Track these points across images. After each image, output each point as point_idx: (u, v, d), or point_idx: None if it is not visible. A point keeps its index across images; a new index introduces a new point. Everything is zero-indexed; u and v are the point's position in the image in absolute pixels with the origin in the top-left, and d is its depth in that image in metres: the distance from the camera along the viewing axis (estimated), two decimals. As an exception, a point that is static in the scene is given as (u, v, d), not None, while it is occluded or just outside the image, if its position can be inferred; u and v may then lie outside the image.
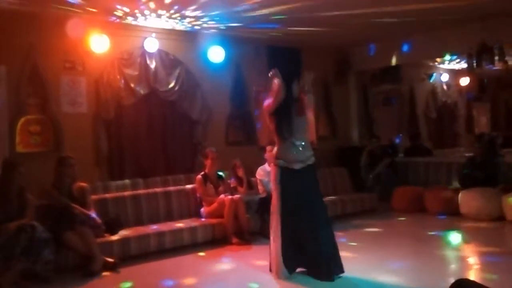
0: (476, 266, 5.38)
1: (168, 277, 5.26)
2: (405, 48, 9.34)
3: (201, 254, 6.14)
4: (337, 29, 8.19)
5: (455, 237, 6.86)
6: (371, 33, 8.80)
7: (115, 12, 6.62)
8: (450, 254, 6.06)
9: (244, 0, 6.41)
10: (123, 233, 6.02)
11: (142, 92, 7.28)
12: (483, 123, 13.79)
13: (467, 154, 8.79)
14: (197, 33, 7.85)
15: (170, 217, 6.84)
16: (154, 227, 6.33)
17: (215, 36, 7.93)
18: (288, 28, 7.87)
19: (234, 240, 6.57)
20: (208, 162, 7.10)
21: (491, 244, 6.25)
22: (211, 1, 6.35)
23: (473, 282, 3.17)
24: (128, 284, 5.05)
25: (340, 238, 6.70)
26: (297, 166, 4.93)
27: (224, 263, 5.85)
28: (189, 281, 5.15)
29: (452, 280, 3.00)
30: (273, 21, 7.47)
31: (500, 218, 7.30)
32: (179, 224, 6.52)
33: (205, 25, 7.49)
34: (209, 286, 5.04)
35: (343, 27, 8.05)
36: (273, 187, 5.04)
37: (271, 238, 5.01)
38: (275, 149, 5.08)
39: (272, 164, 5.11)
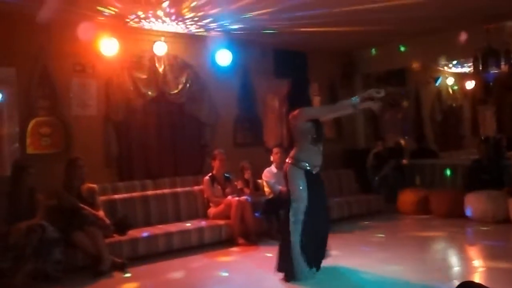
0: (481, 269, 5.41)
1: (175, 277, 5.32)
2: (411, 51, 9.36)
3: (208, 257, 6.20)
4: (343, 32, 8.23)
5: (460, 240, 6.88)
6: (377, 36, 8.83)
7: (124, 16, 6.70)
8: (455, 256, 6.09)
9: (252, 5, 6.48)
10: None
11: (151, 94, 7.35)
12: (488, 126, 13.74)
13: (472, 157, 8.81)
14: (205, 36, 7.92)
15: (178, 218, 6.91)
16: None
17: (222, 39, 7.99)
18: (295, 29, 7.92)
19: (241, 241, 6.62)
20: (216, 163, 7.17)
21: (497, 246, 6.27)
22: (219, 5, 6.42)
23: (478, 284, 3.16)
24: (136, 284, 5.13)
25: (346, 239, 6.77)
26: (316, 170, 5.03)
27: (231, 264, 5.91)
28: (196, 281, 5.20)
29: (457, 283, 3.02)
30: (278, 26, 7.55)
31: (506, 220, 7.30)
32: (187, 225, 6.59)
33: (212, 29, 7.56)
34: (216, 286, 5.10)
35: (349, 29, 8.09)
36: (292, 188, 4.97)
37: (291, 239, 4.91)
38: (296, 152, 5.03)
39: (291, 165, 5.00)
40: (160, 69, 7.46)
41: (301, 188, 4.92)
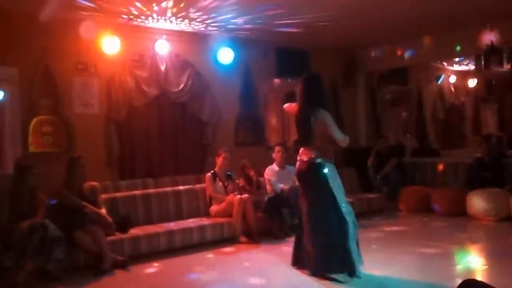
0: (483, 267, 5.41)
1: (177, 275, 5.33)
2: (413, 49, 9.35)
3: (210, 256, 6.21)
4: (345, 31, 8.22)
5: (462, 238, 6.88)
6: (379, 34, 8.82)
7: (126, 15, 6.70)
8: (457, 254, 6.09)
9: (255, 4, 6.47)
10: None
11: (152, 93, 7.34)
12: (490, 124, 13.76)
13: (474, 155, 8.80)
14: (207, 35, 7.92)
15: (180, 216, 6.92)
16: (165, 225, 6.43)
17: (224, 38, 7.99)
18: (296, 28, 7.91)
19: (243, 239, 6.62)
20: (219, 160, 7.17)
21: (499, 244, 6.28)
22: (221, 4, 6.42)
23: (480, 282, 3.15)
24: (138, 283, 5.13)
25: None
26: None
27: (232, 262, 5.90)
28: (198, 279, 5.21)
29: (459, 281, 3.01)
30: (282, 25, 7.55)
31: (508, 218, 7.31)
32: (189, 223, 6.59)
33: (214, 27, 7.55)
34: (217, 285, 5.10)
35: (351, 28, 8.07)
36: (335, 186, 4.97)
37: (348, 236, 4.91)
38: (323, 149, 5.00)
39: (330, 164, 4.98)
40: (162, 68, 7.45)
41: (330, 182, 4.94)
